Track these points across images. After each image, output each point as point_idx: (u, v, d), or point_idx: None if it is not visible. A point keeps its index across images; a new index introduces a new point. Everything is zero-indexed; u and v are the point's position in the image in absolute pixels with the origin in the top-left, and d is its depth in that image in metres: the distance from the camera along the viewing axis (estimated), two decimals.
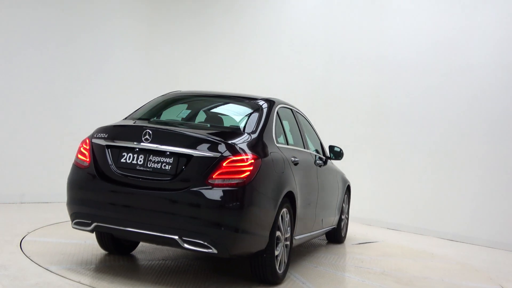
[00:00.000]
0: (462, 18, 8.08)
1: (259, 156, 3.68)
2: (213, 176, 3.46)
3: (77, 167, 3.89)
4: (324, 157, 5.73)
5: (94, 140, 3.88)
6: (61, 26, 7.78)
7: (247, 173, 3.52)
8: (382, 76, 8.69)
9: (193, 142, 3.59)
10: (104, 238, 4.39)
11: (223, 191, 3.44)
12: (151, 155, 3.63)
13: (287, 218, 4.11)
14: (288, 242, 4.18)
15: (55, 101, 7.64)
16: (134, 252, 4.80)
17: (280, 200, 3.87)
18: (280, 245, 3.98)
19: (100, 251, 4.61)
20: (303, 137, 5.14)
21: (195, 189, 3.45)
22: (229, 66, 9.87)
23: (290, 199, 4.16)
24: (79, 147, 3.97)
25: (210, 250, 3.41)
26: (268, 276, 3.89)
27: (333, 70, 9.12)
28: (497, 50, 7.78)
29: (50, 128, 7.48)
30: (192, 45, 9.91)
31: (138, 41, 9.27)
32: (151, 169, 3.60)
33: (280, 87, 9.31)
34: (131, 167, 3.66)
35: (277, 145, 4.17)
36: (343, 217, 6.51)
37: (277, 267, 3.92)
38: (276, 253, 3.90)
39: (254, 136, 3.91)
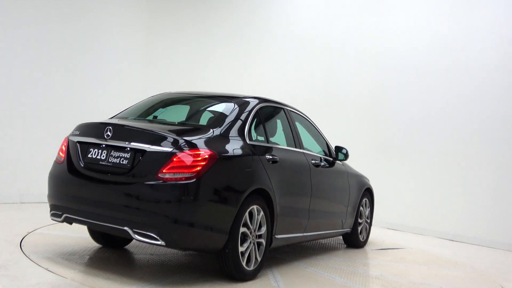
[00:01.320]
0: (463, 18, 8.08)
1: (216, 152, 3.74)
2: (163, 171, 3.57)
3: (55, 163, 4.20)
4: (331, 159, 5.67)
5: (69, 137, 4.15)
6: (60, 27, 7.78)
7: (198, 168, 3.59)
8: (383, 76, 8.69)
9: (149, 138, 3.72)
10: (95, 232, 4.64)
11: (171, 185, 3.54)
12: (112, 151, 3.83)
13: (259, 215, 4.13)
14: (262, 240, 4.20)
15: (55, 102, 7.65)
16: (128, 247, 4.90)
17: (244, 197, 3.89)
18: (248, 242, 4.01)
19: (100, 251, 4.61)
20: (295, 136, 5.08)
21: (145, 182, 3.59)
22: (229, 67, 9.86)
23: (265, 197, 4.20)
24: (61, 144, 4.25)
25: (158, 242, 3.52)
26: (233, 272, 3.94)
27: (333, 70, 9.11)
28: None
29: (50, 128, 7.48)
30: (192, 46, 9.91)
31: (137, 42, 9.27)
32: (111, 164, 3.80)
33: (280, 87, 9.30)
34: (95, 162, 3.88)
35: (250, 142, 4.22)
36: (360, 221, 6.32)
37: (243, 264, 3.96)
38: (242, 249, 3.94)
39: (217, 133, 3.99)
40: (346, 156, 5.77)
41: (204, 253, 4.00)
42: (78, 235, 5.18)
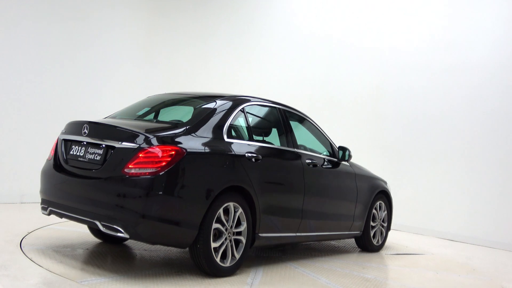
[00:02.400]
0: (465, 17, 8.08)
1: (183, 148, 3.82)
2: (130, 166, 3.72)
3: (47, 159, 4.49)
4: (335, 159, 5.60)
5: (59, 135, 4.43)
6: (60, 28, 7.78)
7: (163, 164, 3.70)
8: (383, 75, 8.69)
9: (119, 135, 3.89)
10: (93, 228, 4.83)
11: (135, 179, 3.68)
12: (89, 147, 4.04)
13: (237, 212, 4.17)
14: (241, 237, 4.23)
15: (56, 101, 7.65)
16: (128, 242, 4.98)
17: (216, 193, 3.95)
18: (223, 238, 4.06)
19: (100, 252, 4.61)
20: (289, 136, 5.05)
21: (112, 177, 3.76)
22: (229, 67, 9.87)
23: (245, 195, 4.25)
24: (54, 143, 4.50)
25: (122, 235, 3.67)
26: (205, 267, 4.00)
27: (334, 70, 9.12)
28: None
29: (50, 128, 7.46)
30: (192, 46, 9.91)
31: (137, 42, 9.27)
32: (87, 160, 4.01)
33: (281, 87, 9.31)
34: (75, 158, 4.12)
35: (228, 140, 4.28)
36: (373, 224, 6.15)
37: (216, 259, 4.00)
38: (215, 245, 3.99)
39: (190, 130, 4.06)
40: (347, 157, 5.65)
41: (175, 247, 4.10)
42: (78, 235, 5.19)
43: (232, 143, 4.30)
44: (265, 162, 4.52)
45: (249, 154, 4.37)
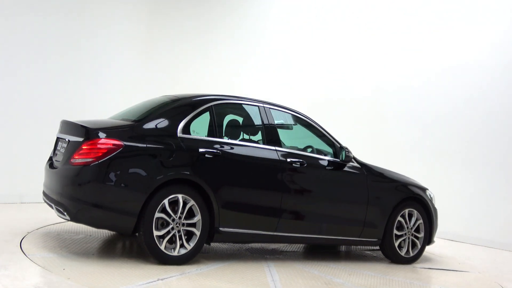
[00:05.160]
0: (464, 17, 8.08)
1: (122, 142, 4.20)
2: (75, 157, 4.22)
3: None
4: (335, 160, 5.35)
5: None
6: (61, 29, 7.77)
7: (99, 155, 4.11)
8: (385, 77, 8.69)
9: (75, 130, 4.42)
10: None
11: (75, 168, 4.18)
12: (62, 142, 4.61)
13: (187, 204, 4.36)
14: (193, 229, 4.40)
15: (55, 102, 7.64)
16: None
17: (157, 184, 4.22)
18: (169, 227, 4.29)
19: (100, 251, 4.61)
20: (270, 134, 5.02)
21: (62, 167, 4.35)
22: (229, 68, 9.85)
23: (199, 189, 4.43)
24: None
25: (66, 217, 4.24)
26: (152, 254, 4.28)
27: (335, 70, 9.12)
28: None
29: (50, 128, 7.45)
30: (192, 47, 9.89)
31: (137, 43, 9.26)
32: (60, 153, 4.56)
33: (280, 88, 9.30)
34: (57, 153, 4.69)
35: (181, 135, 4.49)
36: (399, 233, 5.60)
37: (160, 247, 4.24)
38: (159, 233, 4.24)
39: (139, 126, 4.42)
40: (344, 157, 5.32)
41: (118, 232, 4.47)
42: (78, 235, 5.18)
43: (185, 138, 4.50)
44: (226, 158, 4.65)
45: (204, 150, 4.52)
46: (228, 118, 5.17)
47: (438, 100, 8.21)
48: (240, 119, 5.27)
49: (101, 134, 4.21)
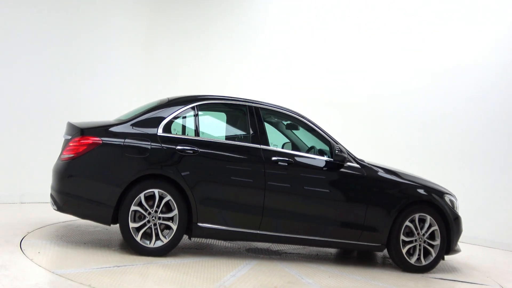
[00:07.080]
0: (464, 17, 8.08)
1: (100, 139, 4.56)
2: (64, 153, 4.66)
3: None
4: (331, 160, 5.16)
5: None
6: (60, 28, 7.76)
7: (79, 151, 4.53)
8: (381, 76, 8.68)
9: (69, 129, 4.82)
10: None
11: (62, 163, 4.63)
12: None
13: (163, 199, 4.59)
14: (170, 223, 4.61)
15: (55, 102, 7.63)
16: None
17: (132, 179, 4.53)
18: (145, 220, 4.55)
19: (100, 251, 4.61)
20: (256, 133, 5.02)
21: (56, 163, 4.79)
22: (229, 67, 9.85)
23: (176, 185, 4.64)
24: None
25: (54, 207, 4.71)
26: (129, 245, 4.59)
27: (335, 70, 9.11)
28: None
29: (50, 128, 7.46)
30: (192, 47, 9.89)
31: (137, 43, 9.26)
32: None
33: (280, 88, 9.30)
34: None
35: (161, 134, 4.74)
36: (407, 239, 5.24)
37: (136, 239, 4.53)
38: (135, 225, 4.53)
39: (121, 125, 4.73)
40: (333, 155, 5.14)
41: (99, 223, 4.71)
42: (78, 235, 5.18)
43: (164, 137, 4.74)
44: (204, 156, 4.79)
45: (181, 147, 4.72)
46: (212, 117, 5.46)
47: (438, 100, 8.21)
48: (225, 118, 5.46)
49: (85, 132, 4.59)
